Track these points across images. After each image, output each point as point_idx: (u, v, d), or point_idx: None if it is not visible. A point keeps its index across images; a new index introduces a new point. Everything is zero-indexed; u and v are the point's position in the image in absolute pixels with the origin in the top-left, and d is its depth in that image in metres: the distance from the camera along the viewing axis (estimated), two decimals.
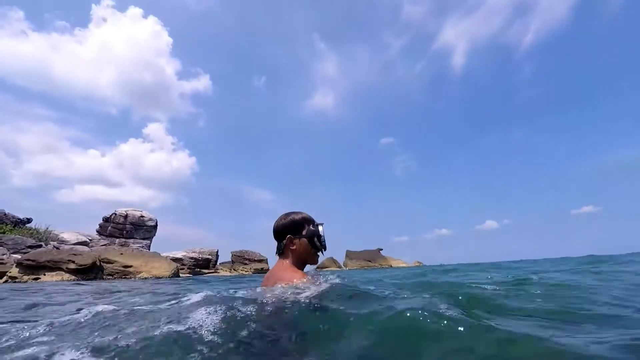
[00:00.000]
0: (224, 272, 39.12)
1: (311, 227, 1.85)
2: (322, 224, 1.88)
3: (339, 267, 55.28)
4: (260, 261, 43.87)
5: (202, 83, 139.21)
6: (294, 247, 1.81)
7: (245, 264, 43.69)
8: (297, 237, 1.81)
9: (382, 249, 64.68)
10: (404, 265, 63.56)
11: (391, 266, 59.82)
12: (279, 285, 1.61)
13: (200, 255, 38.78)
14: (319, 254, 1.88)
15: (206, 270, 38.16)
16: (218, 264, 42.40)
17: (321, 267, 52.32)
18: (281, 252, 1.83)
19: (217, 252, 41.88)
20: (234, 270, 42.00)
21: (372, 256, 58.25)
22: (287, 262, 1.79)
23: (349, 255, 57.85)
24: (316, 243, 1.83)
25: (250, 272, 40.93)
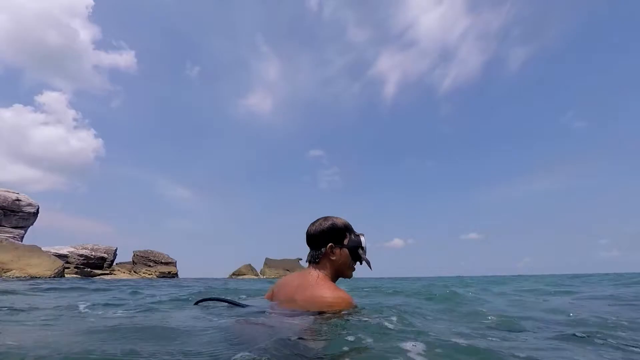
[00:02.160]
0: (122, 274, 34.51)
1: (353, 236, 1.63)
2: (363, 235, 1.66)
3: (256, 274, 54.30)
4: (167, 264, 39.16)
5: (124, 59, 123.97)
6: (334, 258, 1.56)
7: (150, 266, 38.62)
8: (339, 247, 1.57)
9: (301, 259, 52.47)
10: None
11: None
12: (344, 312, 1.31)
13: (93, 253, 33.88)
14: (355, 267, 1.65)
15: (99, 271, 33.47)
16: (115, 264, 37.55)
17: (237, 274, 53.63)
18: (317, 261, 1.57)
19: (116, 250, 36.80)
20: (135, 272, 36.97)
21: (291, 265, 57.17)
22: (322, 274, 1.52)
23: (268, 263, 57.08)
24: (359, 255, 1.62)
25: (155, 276, 35.99)
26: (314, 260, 1.58)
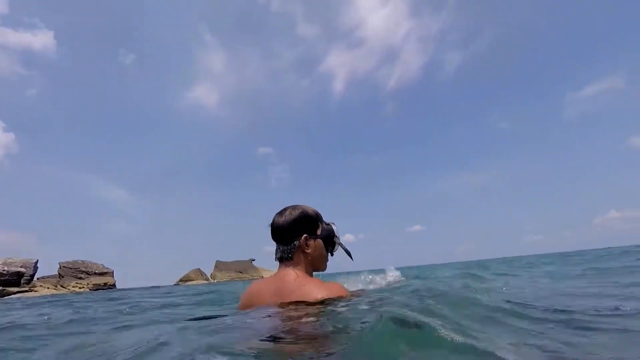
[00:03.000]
0: (45, 290, 30.12)
1: (324, 224, 1.48)
2: (334, 224, 1.52)
3: (206, 279, 51.48)
4: (102, 274, 34.52)
5: (40, 40, 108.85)
6: (309, 251, 1.37)
7: (81, 278, 33.92)
8: (313, 237, 1.39)
9: (254, 260, 61.71)
10: None
11: (262, 277, 45.77)
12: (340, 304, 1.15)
13: (6, 268, 28.78)
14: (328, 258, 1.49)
15: (15, 289, 28.64)
16: (36, 279, 32.46)
17: (185, 280, 50.20)
18: (290, 256, 1.36)
19: (36, 263, 31.50)
20: (62, 287, 32.51)
21: (244, 267, 55.32)
22: (299, 271, 1.33)
23: (219, 266, 53.42)
24: (334, 245, 1.48)
25: (88, 289, 32.24)
26: (286, 257, 1.38)
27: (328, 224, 1.51)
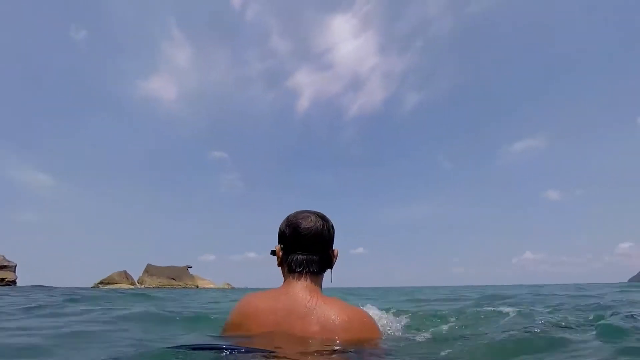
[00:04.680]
0: None
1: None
2: None
3: (132, 283, 46.61)
4: (3, 268, 29.10)
5: None
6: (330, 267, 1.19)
7: None
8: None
9: (190, 267, 57.93)
10: (213, 286, 58.57)
11: (197, 287, 53.43)
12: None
13: None
14: None
15: None
16: None
17: (106, 283, 46.30)
18: (319, 269, 1.13)
19: None
20: None
21: (178, 274, 50.69)
22: (317, 286, 1.11)
23: (150, 270, 47.93)
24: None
25: None
26: (313, 270, 1.12)
27: None
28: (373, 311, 1.91)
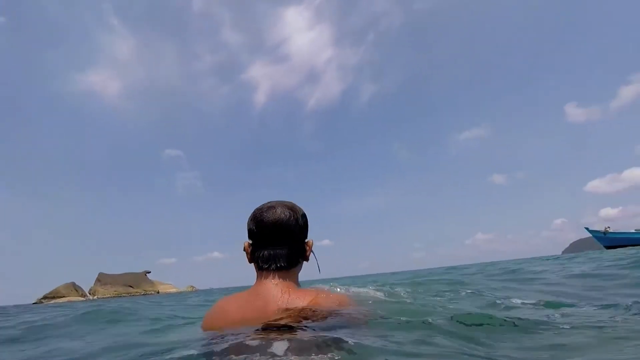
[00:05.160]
0: None
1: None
2: None
3: (83, 295, 42.55)
4: None
5: None
6: (306, 261, 1.14)
7: None
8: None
9: (149, 272, 53.86)
10: (175, 290, 55.84)
11: (159, 292, 51.23)
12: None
13: None
14: None
15: None
16: None
17: (52, 297, 43.08)
18: (291, 263, 1.05)
19: None
20: None
21: (136, 280, 47.58)
22: (291, 281, 1.05)
23: (103, 279, 44.45)
24: (310, 255, 1.18)
25: None
26: (285, 265, 1.04)
27: None
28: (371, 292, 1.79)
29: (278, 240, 1.06)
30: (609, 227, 25.13)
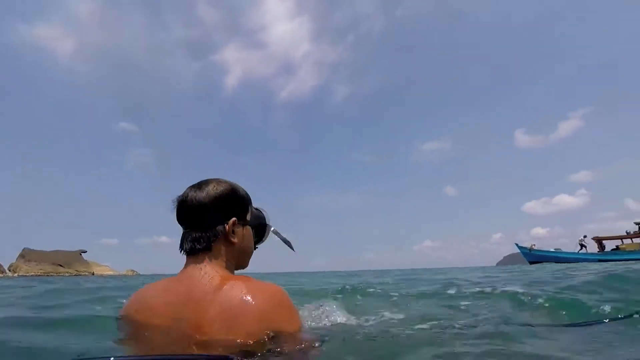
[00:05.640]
0: None
1: (254, 209, 1.16)
2: (264, 211, 1.22)
3: (2, 271, 38.47)
4: None
5: None
6: (236, 240, 1.03)
7: None
8: (241, 223, 1.06)
9: (85, 251, 50.76)
10: (112, 272, 52.29)
11: (93, 274, 48.48)
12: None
13: None
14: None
15: None
16: None
17: None
18: (209, 247, 0.99)
19: None
20: None
21: (68, 259, 42.72)
22: (221, 269, 0.98)
23: (28, 255, 40.19)
24: (263, 235, 1.19)
25: None
26: (201, 247, 0.97)
27: (257, 209, 1.19)
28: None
29: (189, 222, 1.02)
30: (534, 245, 28.15)
